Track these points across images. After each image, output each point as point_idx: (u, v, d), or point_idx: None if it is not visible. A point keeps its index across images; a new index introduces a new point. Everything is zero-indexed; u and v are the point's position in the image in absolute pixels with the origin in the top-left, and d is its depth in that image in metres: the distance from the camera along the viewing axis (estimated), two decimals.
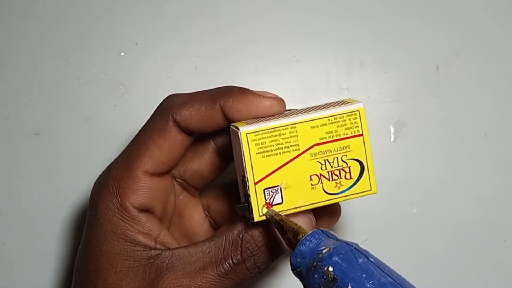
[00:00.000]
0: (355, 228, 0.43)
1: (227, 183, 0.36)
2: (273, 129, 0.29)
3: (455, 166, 0.43)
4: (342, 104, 0.30)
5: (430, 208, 0.43)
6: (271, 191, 0.29)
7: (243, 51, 0.43)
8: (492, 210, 0.43)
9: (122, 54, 0.43)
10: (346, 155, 0.30)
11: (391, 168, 0.43)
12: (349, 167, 0.30)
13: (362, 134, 0.30)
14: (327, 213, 0.34)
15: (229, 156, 0.32)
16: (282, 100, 0.31)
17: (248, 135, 0.29)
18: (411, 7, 0.44)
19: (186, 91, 0.33)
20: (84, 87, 0.43)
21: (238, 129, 0.29)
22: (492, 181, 0.43)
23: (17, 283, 0.42)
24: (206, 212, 0.36)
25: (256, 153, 0.29)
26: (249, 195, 0.29)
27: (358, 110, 0.30)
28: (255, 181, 0.29)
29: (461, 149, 0.44)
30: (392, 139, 0.43)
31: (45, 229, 0.42)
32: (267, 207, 0.29)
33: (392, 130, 0.43)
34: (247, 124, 0.29)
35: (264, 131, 0.29)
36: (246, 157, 0.29)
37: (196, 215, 0.36)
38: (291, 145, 0.29)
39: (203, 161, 0.34)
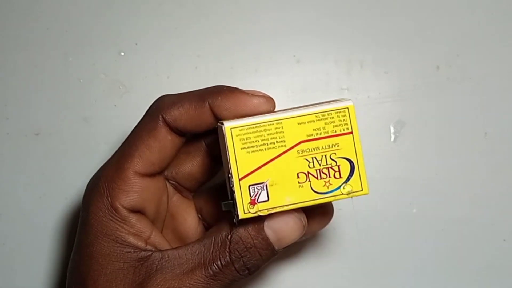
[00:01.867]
0: (355, 227, 0.43)
1: (219, 186, 0.36)
2: (258, 125, 0.29)
3: (455, 166, 0.43)
4: (331, 101, 0.30)
5: (430, 208, 0.43)
6: (257, 188, 0.29)
7: (243, 51, 0.43)
8: (492, 210, 0.43)
9: (122, 54, 0.43)
10: (335, 153, 0.29)
11: (391, 168, 0.43)
12: (339, 166, 0.29)
13: (351, 132, 0.29)
14: (319, 213, 0.34)
15: (220, 158, 0.32)
16: (272, 99, 0.31)
17: (232, 129, 0.28)
18: (411, 7, 0.44)
19: (186, 91, 0.33)
20: (84, 87, 0.43)
21: (223, 124, 0.29)
22: (492, 181, 0.43)
23: (17, 283, 0.42)
24: (199, 215, 0.36)
25: (241, 148, 0.28)
26: (234, 192, 0.28)
27: (347, 108, 0.29)
28: (240, 177, 0.28)
29: (461, 149, 0.44)
30: (392, 139, 0.43)
31: (45, 229, 0.42)
32: (252, 204, 0.29)
33: (392, 130, 0.43)
34: (233, 120, 0.29)
35: (249, 126, 0.29)
36: (230, 152, 0.28)
37: (189, 218, 0.36)
38: (277, 141, 0.29)
39: (195, 163, 0.34)
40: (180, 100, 0.32)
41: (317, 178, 0.29)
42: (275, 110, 0.31)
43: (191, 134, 0.33)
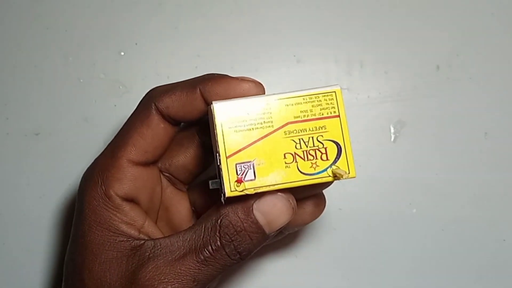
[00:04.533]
0: (355, 227, 0.43)
1: (212, 179, 0.36)
2: (247, 105, 0.29)
3: (455, 166, 0.43)
4: (320, 86, 0.31)
5: (430, 208, 0.43)
6: (243, 167, 0.29)
7: (243, 51, 0.43)
8: (492, 210, 0.43)
9: (122, 54, 0.43)
10: (322, 136, 0.30)
11: (391, 168, 0.43)
12: (325, 148, 0.30)
13: (338, 116, 0.30)
14: (311, 204, 0.34)
15: (212, 148, 0.32)
16: (261, 84, 0.32)
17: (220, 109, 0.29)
18: (411, 7, 0.44)
19: None
20: (84, 87, 0.43)
21: (211, 103, 0.29)
22: (492, 181, 0.43)
23: (17, 283, 0.42)
24: (193, 208, 0.36)
25: (229, 127, 0.29)
26: (221, 169, 0.29)
27: (334, 91, 0.30)
28: (227, 155, 0.29)
29: (461, 149, 0.44)
30: (392, 139, 0.43)
31: (45, 229, 0.42)
32: (238, 183, 0.29)
33: (392, 130, 0.43)
34: (222, 100, 0.30)
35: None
36: (218, 130, 0.29)
37: (183, 210, 0.36)
38: (264, 122, 0.29)
39: (188, 154, 0.35)
40: (172, 88, 0.32)
41: (304, 159, 0.29)
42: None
43: (184, 122, 0.34)
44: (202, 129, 0.35)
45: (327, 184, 0.31)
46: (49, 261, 0.43)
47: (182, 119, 0.32)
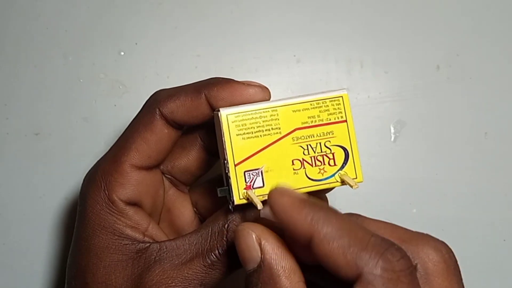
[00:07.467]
0: None
1: (214, 180, 0.36)
2: (254, 112, 0.29)
3: (455, 166, 0.43)
4: (327, 91, 0.30)
5: (430, 208, 0.43)
6: (252, 174, 0.29)
7: (243, 51, 0.43)
8: (492, 210, 0.43)
9: (122, 54, 0.43)
10: (329, 141, 0.29)
11: (391, 168, 0.43)
12: (333, 154, 0.29)
13: (346, 120, 0.30)
14: None
15: (215, 151, 0.32)
16: (267, 88, 0.31)
17: (228, 116, 0.29)
18: (411, 7, 0.44)
19: None
20: (83, 87, 0.43)
21: (219, 111, 0.29)
22: (492, 181, 0.43)
23: (17, 283, 0.42)
24: (195, 209, 0.36)
25: (236, 135, 0.29)
26: (229, 177, 0.29)
27: (342, 96, 0.30)
28: (235, 163, 0.29)
29: (461, 149, 0.44)
30: (392, 139, 0.43)
31: (45, 229, 0.42)
32: (247, 190, 0.29)
33: (392, 130, 0.43)
34: (229, 107, 0.30)
35: (244, 113, 0.29)
36: (226, 138, 0.29)
37: (185, 211, 0.36)
38: (272, 128, 0.29)
39: (190, 157, 0.35)
40: (177, 93, 0.32)
41: (312, 165, 0.29)
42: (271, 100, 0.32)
43: (188, 126, 0.33)
44: (205, 131, 0.34)
45: (331, 188, 0.31)
46: (49, 261, 0.43)
47: (186, 124, 0.32)
